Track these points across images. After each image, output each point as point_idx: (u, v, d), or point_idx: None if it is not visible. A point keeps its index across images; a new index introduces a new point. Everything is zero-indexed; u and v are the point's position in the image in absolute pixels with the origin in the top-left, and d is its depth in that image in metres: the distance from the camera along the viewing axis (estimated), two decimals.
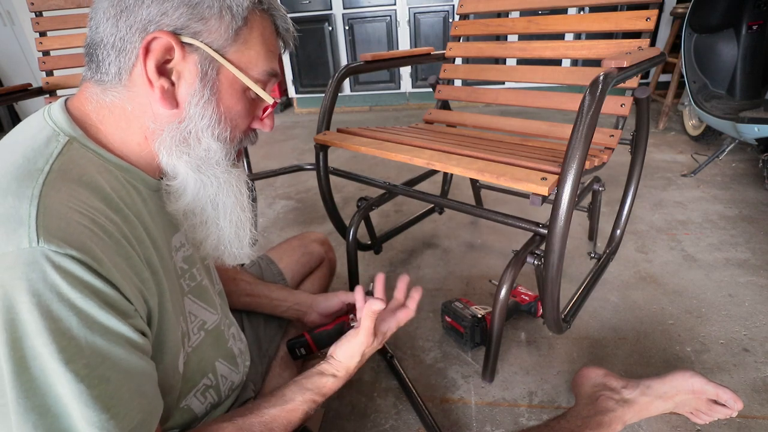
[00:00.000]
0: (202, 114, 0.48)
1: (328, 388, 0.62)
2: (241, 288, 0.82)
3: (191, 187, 0.51)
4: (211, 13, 0.45)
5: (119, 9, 0.44)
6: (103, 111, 0.47)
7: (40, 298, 0.35)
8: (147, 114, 0.47)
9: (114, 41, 0.45)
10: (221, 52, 0.47)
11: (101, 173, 0.45)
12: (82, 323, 0.37)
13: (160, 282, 0.48)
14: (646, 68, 0.82)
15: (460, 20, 1.36)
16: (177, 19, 0.44)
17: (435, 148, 0.90)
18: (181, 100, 0.47)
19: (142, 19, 0.44)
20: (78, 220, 0.39)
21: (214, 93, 0.48)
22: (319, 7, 3.21)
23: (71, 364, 0.36)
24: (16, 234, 0.36)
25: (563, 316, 0.99)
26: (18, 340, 0.35)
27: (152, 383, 0.44)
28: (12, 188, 0.38)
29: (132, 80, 0.46)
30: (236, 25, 0.47)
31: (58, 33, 1.49)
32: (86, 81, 0.48)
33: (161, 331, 0.49)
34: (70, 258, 0.36)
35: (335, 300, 0.84)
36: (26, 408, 0.36)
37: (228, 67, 0.48)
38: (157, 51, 0.44)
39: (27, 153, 0.41)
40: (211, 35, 0.46)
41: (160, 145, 0.48)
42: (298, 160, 2.43)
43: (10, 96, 1.32)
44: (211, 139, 0.49)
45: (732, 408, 0.74)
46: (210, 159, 0.51)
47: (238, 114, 0.51)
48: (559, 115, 2.56)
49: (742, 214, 1.54)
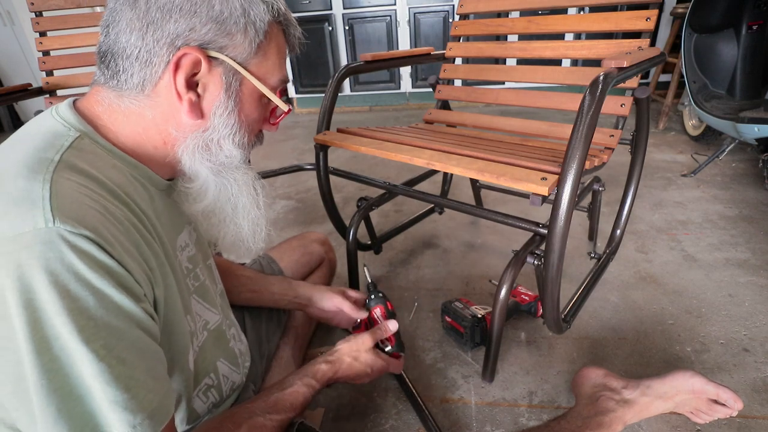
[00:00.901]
0: (225, 123, 0.50)
1: (321, 372, 0.67)
2: (242, 283, 0.82)
3: (212, 190, 0.53)
4: (237, 29, 0.47)
5: (146, 22, 0.44)
6: (116, 114, 0.48)
7: (57, 277, 0.35)
8: (169, 122, 0.48)
9: (139, 53, 0.45)
10: (244, 64, 0.49)
11: (110, 168, 0.45)
12: (99, 303, 0.37)
13: (166, 275, 0.49)
14: (646, 68, 0.82)
15: (460, 20, 1.36)
16: (205, 34, 0.45)
17: (435, 148, 0.90)
18: (206, 110, 0.49)
19: (169, 33, 0.44)
20: (89, 203, 0.39)
21: (237, 104, 0.50)
22: (319, 7, 3.22)
23: (91, 344, 0.36)
24: (31, 214, 0.36)
25: (563, 316, 0.99)
26: (38, 320, 0.35)
27: (163, 368, 0.45)
28: (23, 173, 0.38)
29: (156, 91, 0.47)
30: (258, 39, 0.48)
31: (58, 33, 1.49)
32: (98, 85, 0.48)
33: (168, 323, 0.49)
34: (85, 238, 0.37)
35: (334, 302, 0.85)
36: (49, 390, 0.35)
37: (250, 78, 0.49)
38: (186, 66, 0.45)
39: (38, 145, 0.42)
40: (236, 50, 0.48)
41: (183, 152, 0.50)
42: (298, 160, 2.43)
43: (10, 96, 1.32)
44: (232, 146, 0.52)
45: (732, 408, 0.74)
46: (231, 164, 0.53)
47: (254, 120, 0.54)
48: (559, 115, 2.56)
49: (742, 214, 1.54)
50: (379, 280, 1.30)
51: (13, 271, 0.34)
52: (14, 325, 0.35)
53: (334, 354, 0.71)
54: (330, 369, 0.68)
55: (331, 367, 0.68)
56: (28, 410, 0.36)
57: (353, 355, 0.71)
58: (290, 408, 0.61)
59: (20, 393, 0.36)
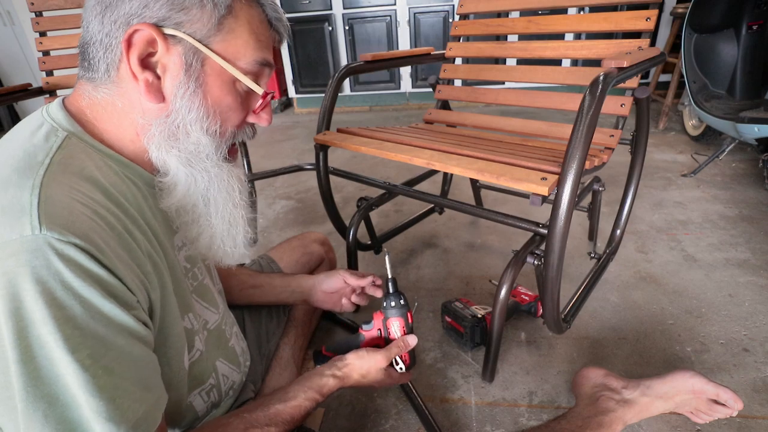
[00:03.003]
0: (189, 107, 0.47)
1: (327, 388, 0.64)
2: (242, 280, 0.82)
3: (182, 183, 0.50)
4: (192, 2, 0.45)
5: (104, 5, 0.44)
6: (96, 108, 0.47)
7: (44, 285, 0.35)
8: (136, 109, 0.47)
9: (101, 38, 0.45)
10: (205, 42, 0.46)
11: (100, 168, 0.45)
12: (86, 312, 0.37)
13: (162, 276, 0.48)
14: (646, 68, 0.82)
15: (460, 20, 1.36)
16: (158, 10, 0.44)
17: (435, 148, 0.90)
18: (167, 93, 0.47)
19: (125, 13, 0.44)
20: (80, 210, 0.39)
21: (200, 85, 0.47)
22: (319, 7, 3.21)
23: (76, 354, 0.36)
24: (18, 222, 0.35)
25: (563, 316, 0.99)
26: (24, 328, 0.35)
27: (155, 375, 0.44)
28: (13, 180, 0.38)
29: (120, 76, 0.46)
30: (219, 13, 0.46)
31: (58, 33, 1.48)
32: (80, 79, 0.48)
33: (164, 325, 0.48)
34: (73, 246, 0.36)
35: (338, 278, 0.84)
36: (35, 397, 0.35)
37: (213, 57, 0.47)
38: (139, 44, 0.44)
39: (27, 147, 0.42)
40: (193, 25, 0.45)
41: (149, 140, 0.48)
42: (298, 160, 2.43)
43: (10, 96, 1.32)
44: (200, 133, 0.49)
45: (732, 408, 0.74)
46: (200, 153, 0.50)
47: (228, 107, 0.50)
48: (559, 115, 2.56)
49: (742, 214, 1.54)
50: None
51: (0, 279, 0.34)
52: (1, 333, 0.35)
53: (343, 369, 0.66)
54: (336, 384, 0.64)
55: (338, 382, 0.65)
56: (12, 418, 0.36)
57: (362, 373, 0.67)
58: (290, 421, 0.58)
59: (5, 401, 0.36)
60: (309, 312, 0.96)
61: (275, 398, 0.60)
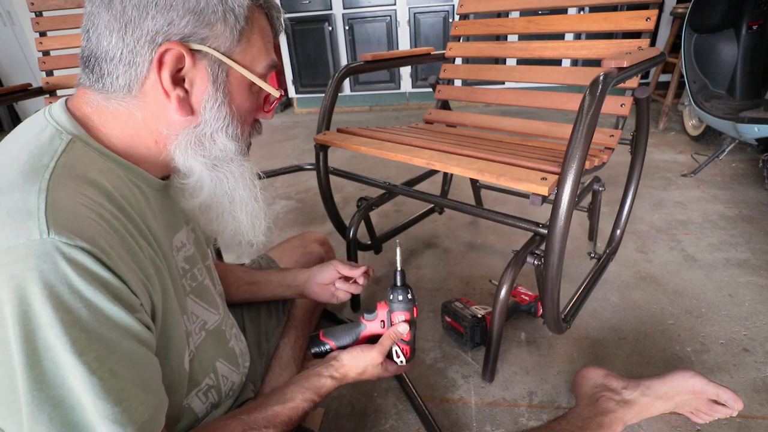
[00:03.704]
0: (217, 116, 0.49)
1: (325, 389, 0.64)
2: (239, 277, 0.82)
3: (207, 184, 0.52)
4: (216, 17, 0.46)
5: (123, 22, 0.44)
6: (105, 116, 0.47)
7: (52, 289, 0.35)
8: (160, 121, 0.48)
9: (121, 55, 0.44)
10: (228, 54, 0.48)
11: (104, 171, 0.45)
12: (92, 315, 0.37)
13: (164, 279, 0.49)
14: (646, 68, 0.82)
15: (460, 20, 1.36)
16: (184, 27, 0.44)
17: (435, 148, 0.90)
18: (195, 105, 0.48)
19: (149, 30, 0.44)
20: (86, 213, 0.39)
21: (226, 95, 0.49)
22: (319, 7, 3.21)
23: (83, 357, 0.36)
24: (25, 226, 0.36)
25: (563, 316, 0.99)
26: (31, 332, 0.35)
27: (158, 379, 0.45)
28: (19, 183, 0.38)
29: (144, 91, 0.46)
30: (240, 26, 0.47)
31: (58, 33, 1.48)
32: (84, 87, 0.48)
33: (165, 327, 0.49)
34: (80, 249, 0.36)
35: (331, 270, 0.84)
36: (40, 400, 0.35)
37: (236, 67, 0.48)
38: (170, 62, 0.44)
39: (32, 150, 0.42)
40: (218, 39, 0.46)
41: (176, 149, 0.49)
42: (298, 160, 2.43)
43: (10, 96, 1.32)
44: (227, 139, 0.51)
45: (732, 408, 0.74)
46: (225, 157, 0.52)
47: (247, 110, 0.53)
48: (559, 115, 2.56)
49: (742, 214, 1.54)
50: (380, 280, 1.30)
51: (7, 283, 0.34)
52: (9, 337, 0.35)
53: (340, 370, 0.66)
54: (334, 384, 0.65)
55: (336, 383, 0.65)
56: (16, 421, 0.36)
57: (359, 372, 0.67)
58: (288, 423, 0.59)
59: (10, 404, 0.36)
60: (309, 311, 0.95)
61: (273, 399, 0.60)
